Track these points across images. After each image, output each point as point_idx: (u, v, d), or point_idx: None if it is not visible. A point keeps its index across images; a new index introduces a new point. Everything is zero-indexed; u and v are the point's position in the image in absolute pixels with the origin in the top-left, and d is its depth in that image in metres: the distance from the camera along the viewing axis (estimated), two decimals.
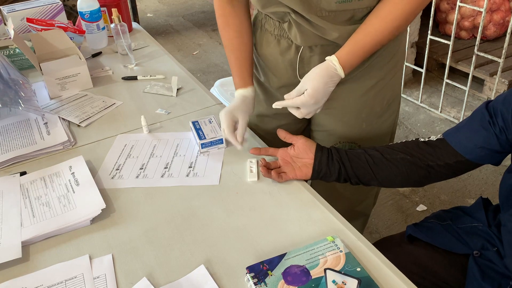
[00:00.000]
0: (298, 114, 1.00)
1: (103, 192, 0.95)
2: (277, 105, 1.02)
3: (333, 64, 0.95)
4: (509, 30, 2.20)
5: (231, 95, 2.03)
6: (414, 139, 0.97)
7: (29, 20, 1.49)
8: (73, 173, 1.00)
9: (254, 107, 1.11)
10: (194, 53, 3.80)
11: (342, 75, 0.96)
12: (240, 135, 1.04)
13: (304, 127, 1.30)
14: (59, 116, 1.22)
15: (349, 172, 0.94)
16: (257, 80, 1.22)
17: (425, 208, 2.01)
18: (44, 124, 1.19)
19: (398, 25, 0.93)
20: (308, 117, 1.02)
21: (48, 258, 0.81)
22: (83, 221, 0.87)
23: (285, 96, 1.00)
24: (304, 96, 0.96)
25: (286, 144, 1.01)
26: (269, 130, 1.25)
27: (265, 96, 1.22)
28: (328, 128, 1.19)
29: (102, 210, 0.89)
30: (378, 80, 1.09)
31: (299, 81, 1.00)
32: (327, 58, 0.96)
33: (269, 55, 1.13)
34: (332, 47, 1.00)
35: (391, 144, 0.98)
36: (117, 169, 1.03)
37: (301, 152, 0.97)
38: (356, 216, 1.38)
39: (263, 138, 1.14)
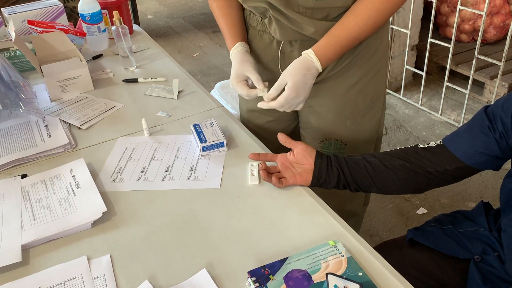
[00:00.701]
0: (279, 107, 1.02)
1: (104, 195, 0.95)
2: (261, 105, 1.04)
3: (310, 57, 0.99)
4: (509, 33, 2.20)
5: (232, 97, 2.03)
6: (413, 145, 0.97)
7: (30, 22, 1.49)
8: (74, 176, 1.00)
9: (251, 58, 1.10)
10: (195, 55, 3.80)
11: (319, 67, 0.99)
12: (260, 86, 1.03)
13: (295, 125, 1.31)
14: (60, 119, 1.22)
15: (348, 179, 0.94)
16: None
17: (425, 211, 2.01)
18: (45, 126, 1.19)
19: (374, 22, 0.97)
20: (288, 110, 1.03)
21: (48, 262, 0.81)
22: (84, 224, 0.87)
23: (265, 97, 1.02)
24: (286, 91, 0.99)
25: (282, 147, 1.01)
26: (260, 125, 1.29)
27: None
28: (314, 126, 1.21)
29: (103, 213, 0.89)
30: (359, 77, 1.12)
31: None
32: (303, 52, 1.00)
33: (254, 49, 1.16)
34: (311, 42, 1.02)
35: (390, 151, 0.98)
36: (118, 172, 1.03)
37: (300, 158, 0.97)
38: (347, 215, 1.38)
39: (255, 133, 1.16)
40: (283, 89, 1.00)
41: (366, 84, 1.14)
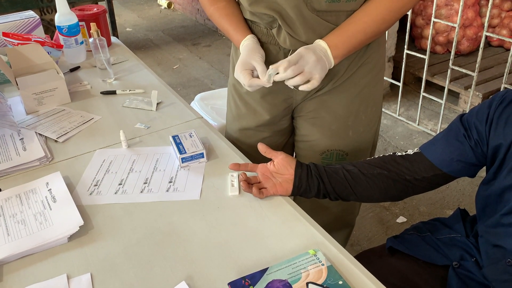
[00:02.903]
0: (306, 87, 0.97)
1: (81, 209, 0.93)
2: (271, 69, 0.96)
3: (324, 48, 0.98)
4: (481, 45, 2.27)
5: (212, 109, 2.03)
6: (391, 153, 0.99)
7: (5, 34, 1.46)
8: (50, 189, 0.98)
9: (262, 50, 1.06)
10: (174, 67, 3.79)
11: (332, 61, 0.99)
12: (263, 76, 0.98)
13: (287, 139, 1.30)
14: (35, 132, 1.20)
15: (327, 187, 0.95)
16: (239, 94, 1.23)
17: (405, 220, 2.03)
18: (20, 139, 1.16)
19: (382, 19, 0.98)
20: (298, 81, 0.96)
21: (23, 278, 0.79)
22: (60, 238, 0.85)
23: (275, 67, 0.95)
24: (313, 83, 0.96)
25: (267, 159, 1.01)
26: (252, 144, 1.24)
27: (246, 109, 1.23)
28: (314, 138, 1.20)
29: (80, 227, 0.87)
30: (362, 87, 1.13)
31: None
32: (317, 40, 0.99)
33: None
34: None
35: (368, 159, 0.99)
36: (95, 185, 1.01)
37: (281, 168, 0.97)
38: (341, 226, 1.39)
39: (246, 153, 1.13)
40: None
41: (368, 95, 1.15)
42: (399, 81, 2.73)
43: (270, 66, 0.96)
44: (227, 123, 1.36)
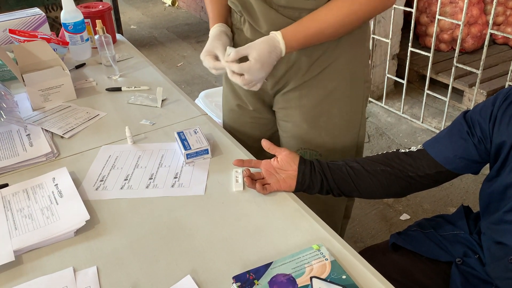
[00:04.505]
0: (241, 81, 1.00)
1: (87, 204, 0.94)
2: (221, 62, 1.02)
3: (277, 38, 0.99)
4: (486, 43, 2.26)
5: (216, 106, 2.04)
6: (395, 150, 0.99)
7: (11, 31, 1.48)
8: (57, 184, 0.99)
9: (230, 38, 1.11)
10: (179, 65, 3.80)
11: (284, 50, 0.99)
12: (223, 59, 1.02)
13: (276, 129, 1.31)
14: (42, 128, 1.21)
15: (331, 184, 0.96)
16: (225, 77, 1.26)
17: (408, 217, 2.03)
18: (26, 135, 1.18)
19: (343, 20, 0.98)
20: (252, 87, 1.01)
21: (30, 271, 0.80)
22: (66, 232, 0.86)
23: (226, 55, 1.01)
24: (251, 61, 0.98)
25: (263, 150, 1.02)
26: (240, 127, 1.31)
27: (233, 93, 1.27)
28: (291, 133, 1.22)
29: (86, 221, 0.88)
30: (330, 90, 1.12)
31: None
32: (271, 32, 1.00)
33: (234, 45, 1.15)
34: None
35: (372, 156, 0.99)
36: (101, 181, 1.02)
37: (284, 164, 0.97)
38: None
39: (237, 135, 1.16)
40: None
41: (339, 98, 1.13)
42: (403, 79, 2.73)
43: (228, 47, 1.02)
44: (222, 105, 1.39)
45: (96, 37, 1.45)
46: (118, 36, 1.86)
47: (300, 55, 1.07)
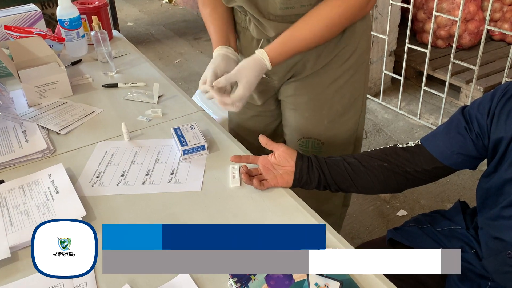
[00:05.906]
0: (235, 109, 1.02)
1: (84, 200, 0.94)
2: (205, 89, 1.03)
3: (262, 58, 1.01)
4: (483, 39, 2.27)
5: (213, 103, 2.03)
6: (392, 145, 0.99)
7: (6, 27, 1.47)
8: (53, 181, 0.98)
9: (231, 58, 1.10)
10: (176, 62, 3.79)
11: (269, 67, 1.01)
12: (213, 85, 1.02)
13: (278, 122, 1.34)
14: (38, 124, 1.20)
15: (328, 179, 0.96)
16: None
17: (405, 213, 2.04)
18: (22, 132, 1.17)
19: (324, 27, 1.00)
20: (235, 109, 1.03)
21: (27, 268, 0.79)
22: None
23: (215, 82, 1.01)
24: (241, 90, 1.00)
25: (265, 150, 1.02)
26: (243, 122, 1.34)
27: None
28: (293, 123, 1.24)
29: (82, 217, 0.88)
30: (336, 78, 1.15)
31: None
32: (257, 50, 1.02)
33: (240, 44, 1.20)
34: None
35: (369, 151, 0.99)
36: (97, 177, 1.02)
37: (282, 160, 0.97)
38: (324, 216, 1.39)
39: (239, 131, 1.18)
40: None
41: (343, 85, 1.16)
42: (401, 75, 2.73)
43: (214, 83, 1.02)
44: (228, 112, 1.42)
45: (92, 33, 1.44)
46: (114, 32, 1.85)
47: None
